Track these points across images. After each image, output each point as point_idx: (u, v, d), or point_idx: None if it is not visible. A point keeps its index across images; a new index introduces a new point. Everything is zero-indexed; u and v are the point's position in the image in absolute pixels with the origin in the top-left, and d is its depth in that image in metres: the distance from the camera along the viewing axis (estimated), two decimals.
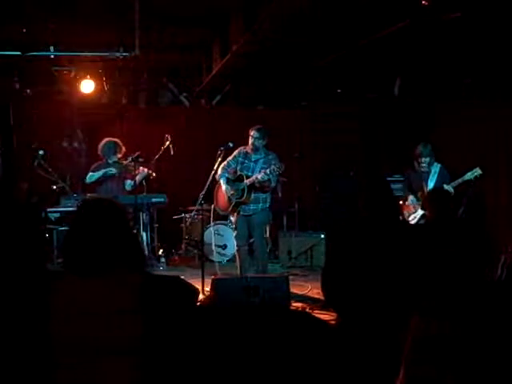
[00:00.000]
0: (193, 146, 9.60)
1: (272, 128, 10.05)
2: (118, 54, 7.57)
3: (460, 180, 6.48)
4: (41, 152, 7.51)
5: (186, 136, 9.72)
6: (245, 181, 6.59)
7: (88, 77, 8.46)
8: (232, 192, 6.67)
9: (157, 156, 8.15)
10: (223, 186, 6.74)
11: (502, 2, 5.61)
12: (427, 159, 6.74)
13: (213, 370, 4.24)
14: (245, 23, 6.40)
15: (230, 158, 6.82)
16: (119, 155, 7.59)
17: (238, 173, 6.74)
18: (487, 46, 7.00)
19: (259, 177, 6.49)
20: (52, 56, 7.89)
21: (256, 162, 6.71)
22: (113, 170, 7.37)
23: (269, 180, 6.54)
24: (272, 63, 8.31)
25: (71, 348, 2.14)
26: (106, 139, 7.84)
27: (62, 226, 7.46)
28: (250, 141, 6.64)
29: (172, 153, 8.08)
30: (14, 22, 7.10)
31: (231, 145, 6.82)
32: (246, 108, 10.14)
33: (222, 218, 8.44)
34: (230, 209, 6.79)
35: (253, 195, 6.62)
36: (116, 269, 2.22)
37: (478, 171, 6.43)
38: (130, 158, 8.16)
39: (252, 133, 6.64)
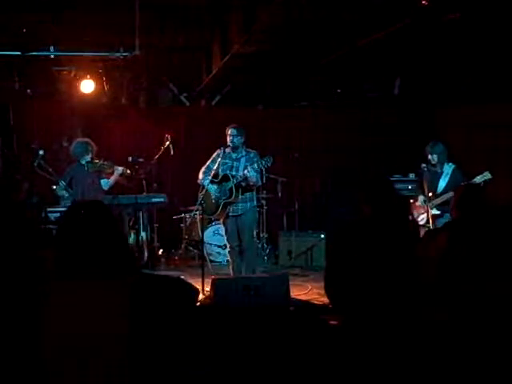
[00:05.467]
0: (193, 146, 9.60)
1: (272, 128, 10.15)
2: (118, 54, 7.55)
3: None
4: (41, 152, 7.48)
5: (186, 136, 9.73)
6: (232, 179, 6.54)
7: (88, 77, 8.44)
8: (218, 193, 6.63)
9: (157, 156, 8.15)
10: (209, 188, 6.64)
11: (501, 2, 5.61)
12: (434, 157, 6.60)
13: (212, 370, 4.24)
14: (245, 23, 6.40)
15: (208, 161, 6.79)
16: (91, 155, 7.49)
17: (221, 174, 6.68)
18: (487, 45, 7.00)
19: (246, 172, 6.46)
20: (52, 56, 7.88)
21: (238, 160, 6.68)
22: (64, 195, 7.28)
23: (255, 176, 6.52)
24: (272, 63, 8.31)
25: (62, 350, 2.14)
26: (77, 140, 7.77)
27: None
28: (229, 139, 6.62)
29: (172, 153, 8.08)
30: (14, 22, 7.10)
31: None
32: (246, 108, 10.14)
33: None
34: (218, 211, 6.70)
35: (240, 194, 6.59)
36: (105, 270, 2.21)
37: (487, 175, 6.31)
38: (130, 158, 8.15)
39: (229, 131, 6.63)
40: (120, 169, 7.57)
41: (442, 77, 8.85)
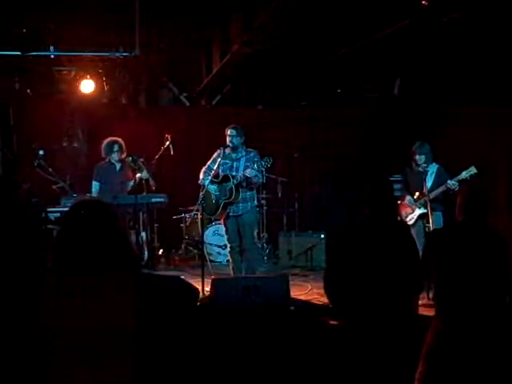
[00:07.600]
0: (193, 146, 9.60)
1: (272, 128, 10.14)
2: (117, 54, 7.57)
3: (455, 179, 6.47)
4: (41, 152, 7.49)
5: (186, 136, 9.73)
6: (232, 180, 6.53)
7: (88, 77, 8.44)
8: (218, 193, 6.62)
9: (157, 156, 8.15)
10: (209, 187, 6.61)
11: (501, 2, 5.62)
12: (422, 157, 6.68)
13: (212, 369, 4.24)
14: (245, 23, 6.41)
15: (209, 161, 6.78)
16: (121, 155, 7.52)
17: (221, 174, 6.67)
18: (487, 45, 7.01)
19: (247, 172, 6.46)
20: (52, 56, 7.89)
21: (238, 160, 6.66)
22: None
23: (256, 176, 6.51)
24: (272, 63, 8.32)
25: (63, 348, 2.14)
26: (108, 139, 7.79)
27: None
28: (228, 139, 6.61)
29: (172, 153, 8.07)
30: (14, 22, 7.11)
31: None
32: (246, 108, 10.14)
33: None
34: (218, 212, 6.68)
35: (240, 194, 6.59)
36: (106, 269, 2.21)
37: (473, 170, 6.41)
38: (130, 158, 8.15)
39: (228, 131, 6.62)
40: (148, 175, 7.50)
41: (442, 77, 8.85)
